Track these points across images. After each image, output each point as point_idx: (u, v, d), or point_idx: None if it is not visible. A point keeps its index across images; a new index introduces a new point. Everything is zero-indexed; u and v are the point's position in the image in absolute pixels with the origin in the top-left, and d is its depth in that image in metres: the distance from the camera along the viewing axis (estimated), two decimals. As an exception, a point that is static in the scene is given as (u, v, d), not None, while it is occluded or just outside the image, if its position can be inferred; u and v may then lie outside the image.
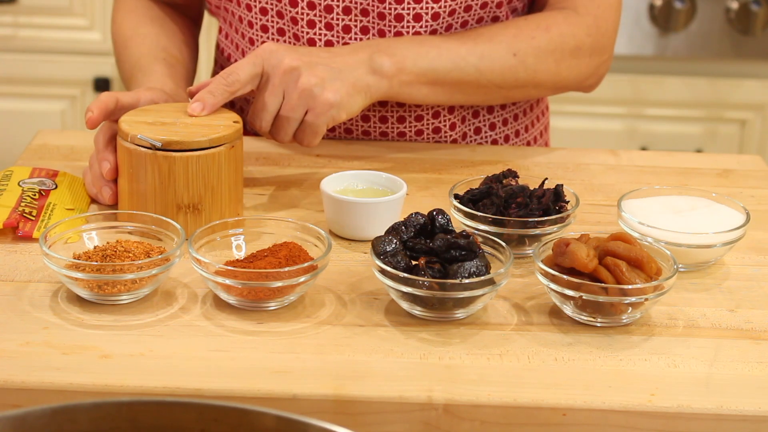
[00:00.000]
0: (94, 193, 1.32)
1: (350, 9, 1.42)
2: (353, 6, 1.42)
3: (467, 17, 1.44)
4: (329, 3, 1.42)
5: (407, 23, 1.43)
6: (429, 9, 1.42)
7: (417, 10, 1.42)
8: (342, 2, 1.42)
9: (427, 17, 1.42)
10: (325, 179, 1.28)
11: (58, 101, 2.67)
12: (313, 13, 1.43)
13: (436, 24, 1.43)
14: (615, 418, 0.99)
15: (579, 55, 1.45)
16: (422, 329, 1.09)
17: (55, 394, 0.99)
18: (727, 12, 2.60)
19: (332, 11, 1.42)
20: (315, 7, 1.42)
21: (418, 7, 1.41)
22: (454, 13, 1.43)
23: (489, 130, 1.55)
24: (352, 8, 1.42)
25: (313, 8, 1.43)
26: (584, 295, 1.08)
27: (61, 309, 1.10)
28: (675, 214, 1.25)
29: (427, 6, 1.41)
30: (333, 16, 1.43)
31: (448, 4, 1.42)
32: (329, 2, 1.42)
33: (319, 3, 1.42)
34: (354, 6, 1.42)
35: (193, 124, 1.25)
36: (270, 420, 0.74)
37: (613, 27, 1.48)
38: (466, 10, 1.43)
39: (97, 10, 2.60)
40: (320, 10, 1.42)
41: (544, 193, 1.25)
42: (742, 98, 2.67)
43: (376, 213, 1.24)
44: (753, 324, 1.12)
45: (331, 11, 1.42)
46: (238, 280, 1.09)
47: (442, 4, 1.42)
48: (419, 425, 0.99)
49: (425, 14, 1.42)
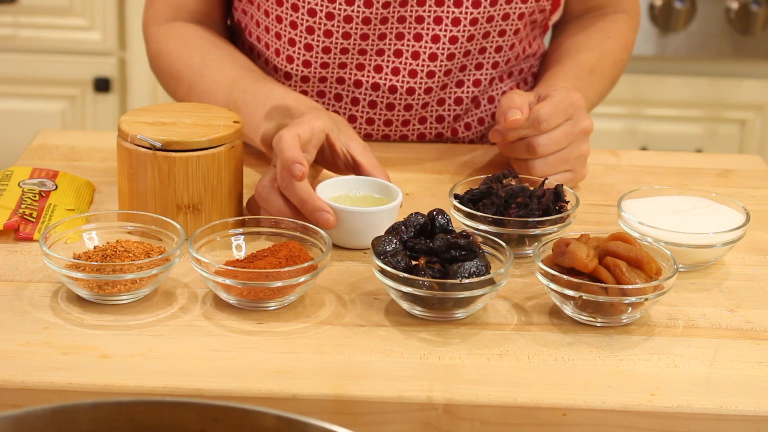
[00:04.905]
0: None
1: (369, 19, 1.42)
2: (372, 16, 1.42)
3: (489, 28, 1.46)
4: (348, 14, 1.42)
5: (427, 25, 1.44)
6: (450, 13, 1.43)
7: (438, 13, 1.43)
8: (362, 12, 1.42)
9: (448, 21, 1.44)
10: (319, 185, 1.26)
11: (58, 101, 2.67)
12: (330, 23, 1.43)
13: (456, 30, 1.44)
14: (615, 418, 0.99)
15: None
16: (422, 329, 1.09)
17: (55, 394, 0.99)
18: (727, 12, 2.60)
19: (351, 21, 1.43)
20: (333, 17, 1.43)
21: (439, 11, 1.42)
22: (476, 22, 1.44)
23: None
24: (371, 18, 1.42)
25: (331, 18, 1.43)
26: (584, 295, 1.08)
27: (61, 309, 1.10)
28: (675, 214, 1.25)
29: (448, 10, 1.42)
30: (351, 26, 1.43)
31: (470, 12, 1.43)
32: (348, 13, 1.42)
33: (337, 13, 1.42)
34: (374, 16, 1.42)
35: (193, 124, 1.25)
36: (270, 420, 0.74)
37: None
38: (488, 21, 1.45)
39: (97, 10, 2.60)
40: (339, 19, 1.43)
41: (544, 193, 1.25)
42: (742, 98, 2.67)
43: (371, 221, 1.22)
44: (753, 324, 1.12)
45: (350, 21, 1.43)
46: (238, 280, 1.09)
47: (464, 10, 1.43)
48: (419, 425, 0.99)
49: (445, 18, 1.43)
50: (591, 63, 1.50)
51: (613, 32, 1.55)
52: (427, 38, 1.44)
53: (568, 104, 1.34)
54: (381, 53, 1.45)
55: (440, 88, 1.48)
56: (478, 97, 1.52)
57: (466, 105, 1.51)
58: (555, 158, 1.35)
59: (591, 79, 1.49)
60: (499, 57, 1.49)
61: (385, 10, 1.42)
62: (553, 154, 1.34)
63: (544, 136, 1.33)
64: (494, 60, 1.49)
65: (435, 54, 1.45)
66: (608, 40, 1.54)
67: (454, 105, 1.51)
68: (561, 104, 1.33)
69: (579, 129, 1.35)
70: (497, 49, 1.48)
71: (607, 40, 1.54)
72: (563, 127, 1.34)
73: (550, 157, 1.34)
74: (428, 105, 1.49)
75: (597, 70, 1.50)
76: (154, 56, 1.52)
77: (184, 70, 1.46)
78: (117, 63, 2.65)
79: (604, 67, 1.52)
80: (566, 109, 1.34)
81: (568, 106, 1.34)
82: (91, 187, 1.37)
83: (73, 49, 2.63)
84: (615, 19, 1.56)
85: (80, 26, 2.62)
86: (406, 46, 1.45)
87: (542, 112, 1.32)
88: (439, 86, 1.48)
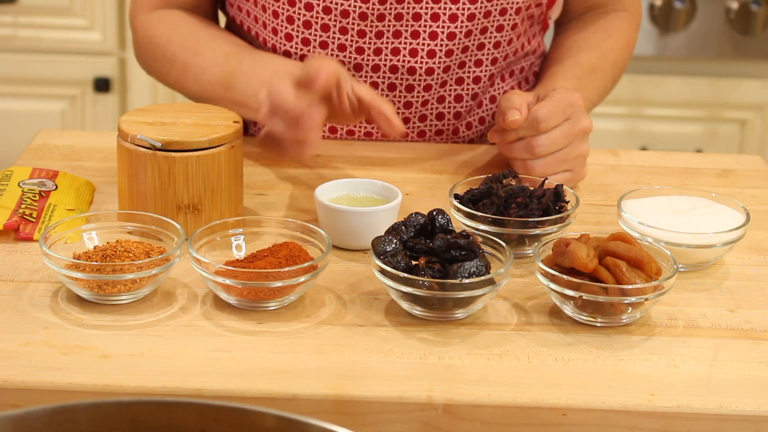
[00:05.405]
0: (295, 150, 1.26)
1: (366, 14, 1.42)
2: (369, 12, 1.42)
3: (486, 23, 1.45)
4: (345, 8, 1.42)
5: (424, 22, 1.43)
6: (447, 10, 1.43)
7: (435, 10, 1.43)
8: (359, 8, 1.42)
9: (445, 18, 1.43)
10: (318, 188, 1.26)
11: (58, 101, 2.67)
12: (329, 17, 1.43)
13: (454, 27, 1.44)
14: (615, 418, 0.99)
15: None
16: (422, 329, 1.09)
17: (55, 394, 0.99)
18: (727, 12, 2.60)
19: (348, 15, 1.43)
20: (330, 11, 1.43)
21: (436, 7, 1.42)
22: (473, 18, 1.44)
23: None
24: (368, 14, 1.42)
25: (328, 12, 1.43)
26: (584, 295, 1.08)
27: (61, 309, 1.10)
28: (675, 214, 1.25)
29: (445, 6, 1.42)
30: (348, 21, 1.43)
31: (467, 8, 1.43)
32: (345, 7, 1.42)
33: (334, 8, 1.42)
34: (371, 12, 1.42)
35: (193, 124, 1.25)
36: (270, 420, 0.74)
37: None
38: (485, 16, 1.45)
39: (97, 10, 2.60)
40: (336, 14, 1.43)
41: (544, 193, 1.25)
42: (742, 98, 2.67)
43: (371, 221, 1.22)
44: (753, 324, 1.12)
45: (347, 15, 1.43)
46: (238, 280, 1.09)
47: (461, 6, 1.43)
48: (419, 425, 0.99)
49: (442, 14, 1.43)
50: (591, 62, 1.50)
51: (614, 31, 1.55)
52: (425, 35, 1.44)
53: (567, 104, 1.34)
54: (378, 52, 1.45)
55: (439, 86, 1.48)
56: (479, 94, 1.52)
57: (466, 103, 1.51)
58: (554, 158, 1.35)
59: (591, 78, 1.49)
60: (498, 53, 1.49)
61: (381, 6, 1.42)
62: (552, 154, 1.34)
63: (542, 137, 1.33)
64: (493, 56, 1.49)
65: (433, 51, 1.45)
66: (609, 39, 1.54)
67: (454, 102, 1.51)
68: (560, 104, 1.33)
69: (578, 129, 1.35)
70: (495, 45, 1.48)
71: (608, 39, 1.53)
72: (562, 127, 1.34)
73: (549, 157, 1.34)
74: (428, 103, 1.49)
75: (597, 70, 1.50)
76: (145, 43, 1.51)
77: (177, 51, 1.46)
78: (117, 63, 2.65)
79: (604, 66, 1.52)
80: (565, 109, 1.34)
81: (566, 106, 1.34)
82: (91, 187, 1.37)
83: (73, 49, 2.63)
84: (616, 18, 1.56)
85: (80, 26, 2.62)
86: (404, 44, 1.45)
87: (541, 113, 1.32)
88: (438, 83, 1.48)
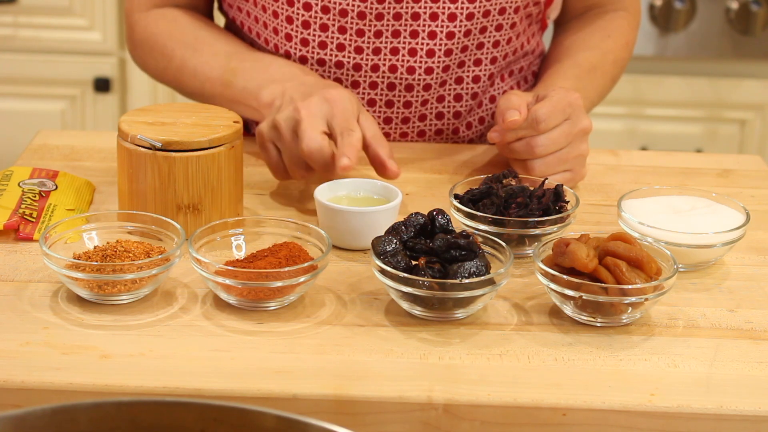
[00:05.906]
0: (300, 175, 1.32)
1: (365, 14, 1.43)
2: (368, 11, 1.42)
3: (485, 23, 1.45)
4: (344, 7, 1.42)
5: (423, 21, 1.44)
6: (446, 9, 1.43)
7: (434, 9, 1.43)
8: (357, 7, 1.42)
9: (444, 17, 1.43)
10: (318, 188, 1.26)
11: (58, 101, 2.67)
12: (327, 17, 1.44)
13: (453, 26, 1.44)
14: (615, 418, 0.99)
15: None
16: (422, 329, 1.09)
17: (55, 394, 0.99)
18: (727, 12, 2.60)
19: (347, 15, 1.43)
20: (329, 11, 1.43)
21: (435, 6, 1.43)
22: (472, 17, 1.44)
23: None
24: (366, 13, 1.42)
25: (327, 12, 1.43)
26: (584, 295, 1.08)
27: (61, 309, 1.10)
28: (675, 214, 1.25)
29: (444, 5, 1.42)
30: (347, 20, 1.43)
31: (466, 7, 1.43)
32: (344, 6, 1.42)
33: (333, 7, 1.42)
34: (370, 11, 1.42)
35: (193, 124, 1.25)
36: (270, 420, 0.74)
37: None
38: (484, 15, 1.45)
39: (97, 10, 2.60)
40: (334, 13, 1.43)
41: (544, 193, 1.25)
42: (742, 98, 2.67)
43: (371, 221, 1.22)
44: (753, 324, 1.12)
45: (346, 15, 1.43)
46: (238, 280, 1.09)
47: (460, 5, 1.43)
48: (419, 425, 0.99)
49: (441, 14, 1.43)
50: (591, 62, 1.50)
51: (614, 30, 1.55)
52: (424, 35, 1.44)
53: (567, 104, 1.34)
54: (377, 52, 1.45)
55: (439, 85, 1.48)
56: (478, 94, 1.52)
57: (466, 102, 1.51)
58: (554, 158, 1.35)
59: (591, 78, 1.49)
60: (497, 52, 1.49)
61: (380, 5, 1.42)
62: (551, 155, 1.34)
63: (542, 137, 1.33)
64: (492, 55, 1.49)
65: (432, 50, 1.45)
66: (608, 38, 1.54)
67: (454, 102, 1.51)
68: (559, 104, 1.33)
69: (577, 129, 1.35)
70: (495, 44, 1.48)
71: (607, 39, 1.53)
72: (561, 127, 1.34)
73: (549, 157, 1.34)
74: (427, 102, 1.49)
75: (597, 69, 1.50)
76: (142, 40, 1.51)
77: (176, 47, 1.47)
78: (117, 63, 2.65)
79: (604, 66, 1.52)
80: (564, 109, 1.34)
81: (566, 106, 1.34)
82: (91, 187, 1.37)
83: (73, 49, 2.63)
84: (615, 17, 1.56)
85: (80, 26, 2.62)
86: (403, 43, 1.45)
87: (540, 113, 1.32)
88: (438, 83, 1.48)
